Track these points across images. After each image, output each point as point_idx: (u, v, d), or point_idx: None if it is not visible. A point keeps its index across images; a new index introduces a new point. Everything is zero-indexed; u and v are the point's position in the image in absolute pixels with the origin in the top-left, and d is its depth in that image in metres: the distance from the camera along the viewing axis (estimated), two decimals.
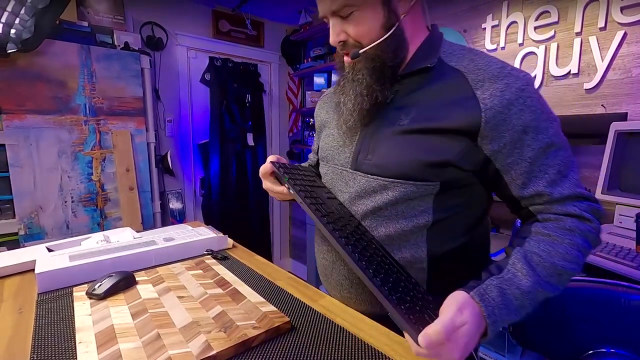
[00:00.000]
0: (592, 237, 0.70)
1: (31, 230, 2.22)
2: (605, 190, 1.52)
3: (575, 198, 0.70)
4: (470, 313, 0.58)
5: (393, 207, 0.78)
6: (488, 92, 0.70)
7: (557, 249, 0.67)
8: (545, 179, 0.70)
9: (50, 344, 0.68)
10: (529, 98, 0.69)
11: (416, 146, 0.75)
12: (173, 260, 1.09)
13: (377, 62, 0.77)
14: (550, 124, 0.70)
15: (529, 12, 1.96)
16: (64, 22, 2.31)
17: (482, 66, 0.73)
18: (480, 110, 0.69)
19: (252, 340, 0.68)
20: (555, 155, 0.70)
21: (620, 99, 1.69)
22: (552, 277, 0.66)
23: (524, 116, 0.69)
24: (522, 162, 0.70)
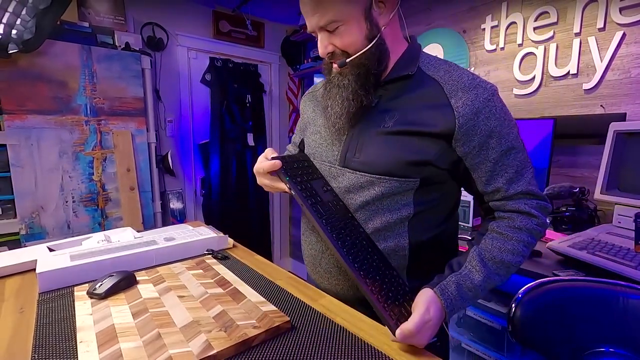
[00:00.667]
0: (536, 232, 0.83)
1: (32, 230, 2.22)
2: (604, 190, 1.52)
3: (526, 194, 0.83)
4: (435, 309, 0.73)
5: (379, 201, 0.86)
6: (461, 101, 0.80)
7: (506, 246, 0.81)
8: (505, 177, 0.82)
9: (51, 344, 0.68)
10: (494, 107, 0.80)
11: (400, 146, 0.84)
12: (174, 260, 1.09)
13: (362, 69, 0.84)
14: (511, 130, 0.82)
15: (528, 13, 1.96)
16: (65, 23, 2.31)
17: (455, 78, 0.83)
18: (454, 117, 0.79)
19: (253, 340, 0.68)
20: (514, 157, 0.82)
21: (619, 99, 1.69)
22: (501, 270, 0.81)
23: (490, 123, 0.80)
24: (487, 162, 0.82)
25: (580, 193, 1.68)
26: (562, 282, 1.04)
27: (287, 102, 3.87)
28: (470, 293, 0.78)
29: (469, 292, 0.78)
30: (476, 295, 0.79)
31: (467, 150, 0.81)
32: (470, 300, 0.79)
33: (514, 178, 0.82)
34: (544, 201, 0.85)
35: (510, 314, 1.01)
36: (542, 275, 1.29)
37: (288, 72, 3.81)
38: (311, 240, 0.99)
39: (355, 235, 0.83)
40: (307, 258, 1.04)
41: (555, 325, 1.01)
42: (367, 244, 0.84)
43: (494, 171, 0.82)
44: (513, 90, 2.06)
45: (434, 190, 0.88)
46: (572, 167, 1.87)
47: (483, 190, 0.86)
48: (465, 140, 0.80)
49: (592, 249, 1.33)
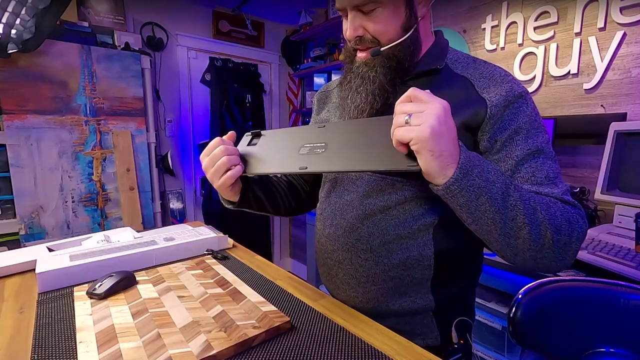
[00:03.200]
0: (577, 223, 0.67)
1: (32, 230, 2.22)
2: (604, 190, 1.52)
3: (564, 201, 0.70)
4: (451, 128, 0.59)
5: (401, 205, 0.79)
6: (493, 92, 0.74)
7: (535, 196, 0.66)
8: (532, 181, 0.71)
9: (50, 344, 0.68)
10: (526, 105, 0.74)
11: None
12: (173, 260, 1.09)
13: (394, 62, 0.77)
14: (541, 134, 0.73)
15: (528, 13, 1.96)
16: (65, 23, 2.32)
17: (487, 74, 0.77)
18: (486, 106, 0.73)
19: (252, 340, 0.68)
20: (544, 162, 0.71)
21: (619, 99, 1.69)
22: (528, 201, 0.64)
23: (519, 118, 0.72)
24: (509, 159, 0.72)
25: (581, 193, 1.69)
26: (562, 282, 1.03)
27: (287, 102, 3.87)
28: (492, 175, 0.62)
29: (490, 172, 0.62)
30: (498, 182, 0.62)
31: (490, 144, 0.74)
32: (491, 181, 0.61)
33: (545, 183, 0.70)
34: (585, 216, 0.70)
35: (510, 314, 1.01)
36: (542, 275, 1.28)
37: (288, 72, 3.81)
38: (327, 249, 0.90)
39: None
40: (322, 268, 0.96)
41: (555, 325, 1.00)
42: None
43: (517, 171, 0.72)
44: None
45: None
46: (573, 167, 1.87)
47: None
48: (491, 131, 0.73)
49: (592, 249, 1.33)
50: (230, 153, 0.84)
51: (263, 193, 0.98)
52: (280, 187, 1.04)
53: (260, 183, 0.98)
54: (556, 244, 0.64)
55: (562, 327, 1.00)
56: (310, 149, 0.74)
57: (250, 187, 0.94)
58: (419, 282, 0.81)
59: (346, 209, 0.85)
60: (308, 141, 0.75)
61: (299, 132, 0.80)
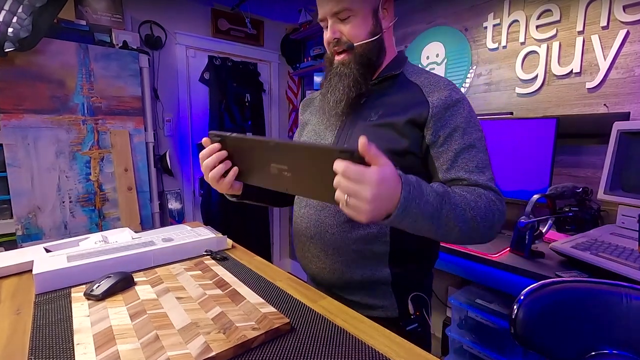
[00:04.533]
0: (495, 207, 0.84)
1: (29, 231, 2.21)
2: (607, 190, 1.51)
3: (486, 188, 0.87)
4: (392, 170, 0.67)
5: None
6: (435, 96, 0.93)
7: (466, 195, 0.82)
8: (465, 169, 0.89)
9: (48, 346, 0.68)
10: (463, 108, 0.92)
11: (382, 137, 0.93)
12: (172, 261, 1.09)
13: (364, 60, 0.97)
14: (475, 132, 0.91)
15: (530, 11, 1.95)
16: (62, 21, 2.32)
17: (433, 82, 0.97)
18: (429, 107, 0.92)
19: (252, 342, 0.68)
20: (475, 154, 0.89)
21: (622, 99, 1.68)
22: (458, 207, 0.79)
23: (456, 119, 0.91)
24: (449, 151, 0.90)
25: (584, 193, 1.67)
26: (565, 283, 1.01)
27: (287, 101, 3.87)
28: (430, 197, 0.74)
29: (428, 194, 0.74)
30: (432, 203, 0.74)
31: (434, 138, 0.91)
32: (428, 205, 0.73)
33: (475, 172, 0.88)
34: (503, 200, 0.89)
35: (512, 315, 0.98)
36: (544, 276, 1.29)
37: (288, 70, 3.80)
38: (301, 227, 1.06)
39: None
40: (297, 246, 1.11)
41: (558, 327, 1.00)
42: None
43: (455, 161, 0.89)
44: (515, 89, 2.05)
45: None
46: (575, 167, 1.86)
47: (444, 178, 0.91)
48: (434, 128, 0.91)
49: (595, 250, 1.32)
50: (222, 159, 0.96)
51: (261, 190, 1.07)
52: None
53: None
54: (483, 228, 0.82)
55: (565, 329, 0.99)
56: (278, 170, 0.78)
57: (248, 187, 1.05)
58: (378, 255, 0.97)
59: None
60: (271, 159, 0.80)
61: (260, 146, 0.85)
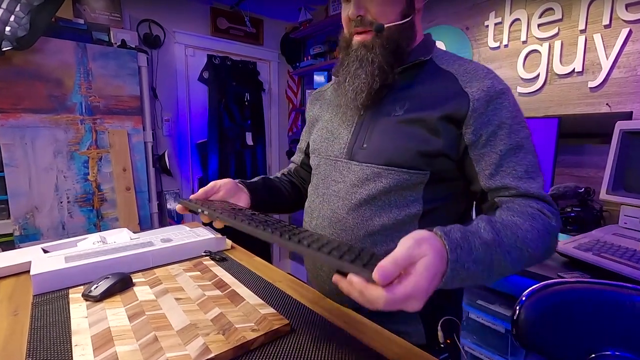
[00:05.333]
0: (551, 230, 0.71)
1: (26, 231, 2.21)
2: (609, 190, 1.50)
3: (538, 199, 0.74)
4: (430, 246, 0.52)
5: (386, 195, 0.82)
6: (476, 87, 0.78)
7: (520, 225, 0.68)
8: (513, 174, 0.75)
9: (45, 347, 0.67)
10: (508, 101, 0.78)
11: (409, 135, 0.81)
12: (171, 262, 1.08)
13: (392, 45, 0.82)
14: (523, 130, 0.78)
15: (532, 10, 1.95)
16: (60, 20, 2.31)
17: (470, 70, 0.82)
18: (469, 100, 0.77)
19: (251, 343, 0.67)
20: (524, 156, 0.76)
21: (625, 98, 1.68)
22: (513, 248, 0.65)
23: (502, 114, 0.77)
24: (493, 153, 0.77)
25: (586, 193, 1.67)
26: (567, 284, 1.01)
27: (287, 101, 3.87)
28: (477, 252, 0.59)
29: (475, 250, 0.59)
30: (483, 259, 0.60)
31: (475, 138, 0.77)
32: (475, 262, 0.58)
33: (524, 178, 0.75)
34: (557, 211, 0.75)
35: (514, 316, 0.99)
36: (546, 277, 1.28)
37: (287, 70, 3.80)
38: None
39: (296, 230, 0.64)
40: (307, 265, 1.02)
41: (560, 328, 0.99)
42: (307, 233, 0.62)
43: (500, 165, 0.76)
44: (517, 89, 2.05)
45: (445, 188, 0.83)
46: (577, 167, 1.86)
47: (487, 186, 0.78)
48: (476, 125, 0.77)
49: (597, 251, 1.31)
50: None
51: (270, 197, 1.05)
52: (284, 188, 1.12)
53: (264, 189, 1.04)
54: (539, 258, 0.70)
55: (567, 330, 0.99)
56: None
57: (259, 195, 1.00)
58: None
59: (333, 199, 0.88)
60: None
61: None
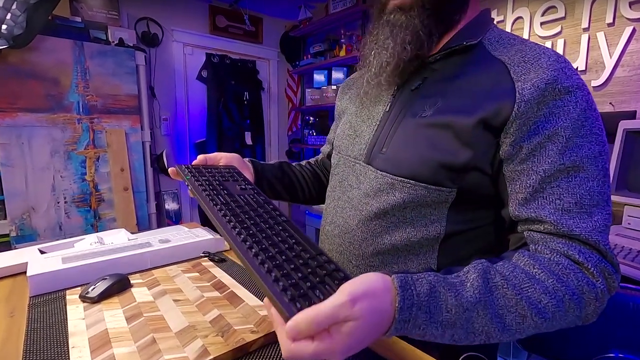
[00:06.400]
0: (589, 296, 0.53)
1: (23, 232, 2.20)
2: (613, 190, 1.50)
3: (585, 244, 0.55)
4: (368, 307, 0.43)
5: (400, 212, 0.68)
6: (531, 82, 0.58)
7: (534, 283, 0.52)
8: (556, 204, 0.57)
9: (42, 349, 0.67)
10: (573, 104, 0.57)
11: (433, 142, 0.65)
12: (169, 263, 1.07)
13: (435, 5, 0.66)
14: (589, 145, 0.57)
15: (535, 8, 1.94)
16: (57, 18, 2.30)
17: (529, 58, 0.61)
18: (514, 100, 0.58)
19: (250, 345, 0.66)
20: (581, 183, 0.56)
21: (628, 97, 1.67)
22: (509, 314, 0.51)
23: (557, 121, 0.57)
24: (533, 173, 0.58)
25: None
26: None
27: (286, 100, 3.86)
28: (446, 315, 0.48)
29: (444, 312, 0.48)
30: (452, 323, 0.48)
31: (513, 151, 0.59)
32: (438, 326, 0.48)
33: (572, 211, 0.56)
34: (615, 270, 0.56)
35: None
36: None
37: (287, 68, 3.80)
38: (325, 248, 0.83)
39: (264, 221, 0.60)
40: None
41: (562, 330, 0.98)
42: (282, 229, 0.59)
43: (541, 190, 0.58)
44: None
45: (479, 209, 0.68)
46: None
47: (516, 214, 0.61)
48: (517, 136, 0.59)
49: None
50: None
51: (279, 182, 0.98)
52: (302, 177, 1.04)
53: (279, 171, 0.98)
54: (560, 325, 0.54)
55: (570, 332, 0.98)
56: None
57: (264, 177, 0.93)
58: None
59: (346, 206, 0.77)
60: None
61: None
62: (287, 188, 1.00)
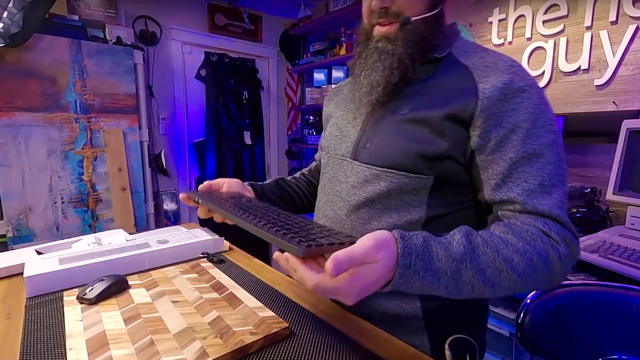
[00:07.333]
0: (554, 257, 0.63)
1: (20, 232, 2.19)
2: (616, 190, 1.49)
3: (549, 218, 0.66)
4: (386, 254, 0.53)
5: (385, 199, 0.78)
6: (490, 82, 0.71)
7: (507, 245, 0.62)
8: (523, 186, 0.68)
9: (39, 351, 0.67)
10: (528, 100, 0.69)
11: (411, 135, 0.76)
12: (167, 264, 1.07)
13: (418, 37, 0.77)
14: (545, 135, 0.69)
15: (537, 6, 1.94)
16: (54, 16, 2.29)
17: (489, 63, 0.74)
18: (477, 97, 0.70)
19: (250, 347, 0.66)
20: (542, 167, 0.68)
21: (632, 96, 1.67)
22: (489, 268, 0.60)
23: (517, 115, 0.69)
24: (501, 161, 0.69)
25: (592, 193, 1.67)
26: (572, 286, 1.03)
27: (286, 99, 3.86)
28: (439, 263, 0.57)
29: (436, 261, 0.57)
30: (444, 272, 0.57)
31: (482, 142, 0.70)
32: (433, 273, 0.57)
33: (536, 192, 0.67)
34: (575, 238, 0.67)
35: (518, 320, 1.00)
36: None
37: (287, 67, 3.79)
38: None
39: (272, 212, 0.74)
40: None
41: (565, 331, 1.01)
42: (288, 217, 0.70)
43: (509, 175, 0.69)
44: None
45: (454, 194, 0.78)
46: (583, 167, 1.85)
47: (491, 198, 0.72)
48: (484, 128, 0.70)
49: (604, 252, 1.31)
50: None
51: (280, 199, 1.06)
52: (298, 189, 1.12)
53: (277, 189, 1.07)
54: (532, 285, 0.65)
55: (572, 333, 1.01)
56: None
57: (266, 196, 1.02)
58: None
59: (336, 199, 0.87)
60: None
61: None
62: (287, 202, 1.08)
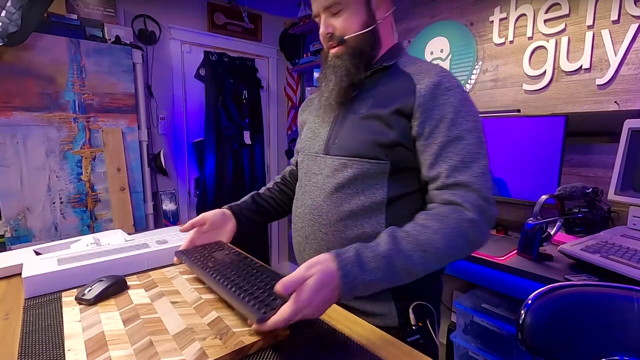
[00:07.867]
0: (466, 225, 0.79)
1: (18, 233, 2.18)
2: (618, 190, 1.48)
3: (466, 187, 0.83)
4: (320, 268, 0.67)
5: (353, 184, 0.93)
6: (424, 83, 0.89)
7: (424, 230, 0.78)
8: (448, 163, 0.85)
9: (38, 352, 0.67)
10: (453, 97, 0.88)
11: (369, 129, 0.93)
12: (166, 264, 1.08)
13: (357, 51, 0.97)
14: (466, 123, 0.87)
15: (538, 5, 1.92)
16: (52, 15, 2.29)
17: (424, 69, 0.93)
18: (415, 96, 0.89)
19: (249, 348, 0.67)
20: (463, 148, 0.85)
21: (634, 95, 1.66)
22: (414, 253, 0.75)
23: (444, 109, 0.87)
24: (433, 145, 0.87)
25: (593, 194, 1.65)
26: (574, 287, 1.00)
27: (286, 99, 3.84)
28: (371, 264, 0.71)
29: (369, 263, 0.71)
30: (377, 268, 0.71)
31: (420, 130, 0.88)
32: (370, 272, 0.71)
33: (458, 167, 0.84)
34: (487, 203, 0.83)
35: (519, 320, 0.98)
36: (553, 280, 1.28)
37: (287, 66, 3.77)
38: (297, 227, 1.06)
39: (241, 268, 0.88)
40: (295, 245, 1.10)
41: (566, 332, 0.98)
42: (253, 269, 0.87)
43: (439, 156, 0.86)
44: (523, 86, 2.02)
45: (409, 177, 0.94)
46: (585, 167, 1.83)
47: (427, 176, 0.89)
48: (421, 119, 0.88)
49: (605, 252, 1.30)
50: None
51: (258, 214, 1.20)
52: (272, 200, 1.25)
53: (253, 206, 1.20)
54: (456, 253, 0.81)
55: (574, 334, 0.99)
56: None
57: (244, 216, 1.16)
58: None
59: (312, 189, 1.00)
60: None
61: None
62: (265, 215, 1.23)
